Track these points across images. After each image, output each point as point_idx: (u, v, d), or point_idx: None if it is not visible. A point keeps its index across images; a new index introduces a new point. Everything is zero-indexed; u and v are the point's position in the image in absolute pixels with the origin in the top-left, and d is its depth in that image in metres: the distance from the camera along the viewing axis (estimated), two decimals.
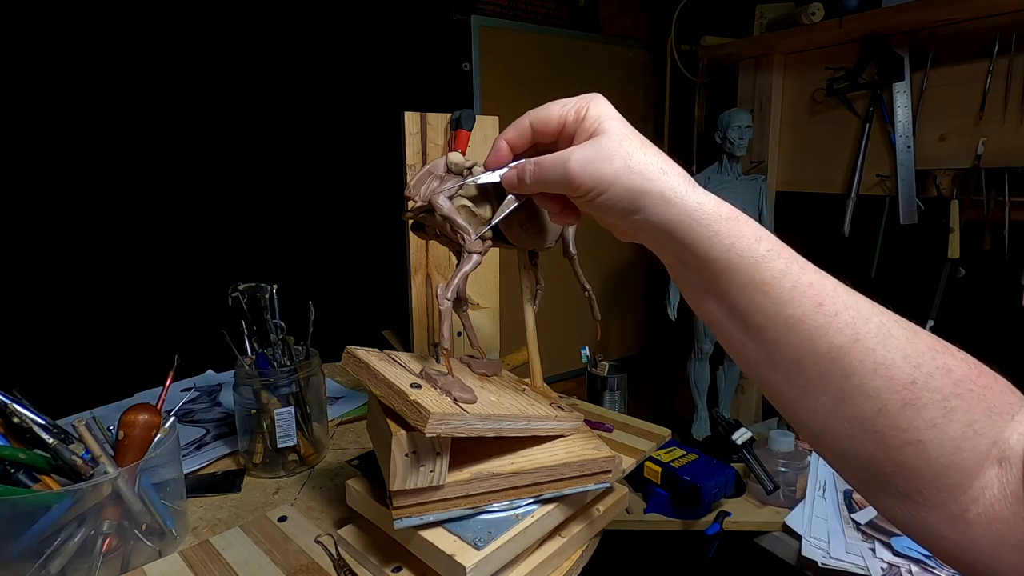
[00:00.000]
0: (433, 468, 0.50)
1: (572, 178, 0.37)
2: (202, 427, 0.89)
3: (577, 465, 0.56)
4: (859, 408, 0.31)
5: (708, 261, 0.35)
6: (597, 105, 0.39)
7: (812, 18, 1.33)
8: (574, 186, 0.38)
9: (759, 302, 0.34)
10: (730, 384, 1.62)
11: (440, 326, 0.53)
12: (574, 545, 0.60)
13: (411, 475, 0.49)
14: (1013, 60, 1.11)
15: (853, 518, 1.07)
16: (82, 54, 1.07)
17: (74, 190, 1.10)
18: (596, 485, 0.57)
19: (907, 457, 0.30)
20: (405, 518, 0.50)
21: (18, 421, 0.56)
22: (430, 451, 0.49)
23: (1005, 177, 1.15)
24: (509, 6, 1.63)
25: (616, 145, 0.37)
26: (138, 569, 0.56)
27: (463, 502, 0.52)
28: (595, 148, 0.37)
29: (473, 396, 0.53)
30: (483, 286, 0.99)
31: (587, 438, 0.60)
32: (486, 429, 0.51)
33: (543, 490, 0.55)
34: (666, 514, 1.15)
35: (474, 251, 0.55)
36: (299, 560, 0.57)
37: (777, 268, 0.33)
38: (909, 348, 0.31)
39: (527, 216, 0.57)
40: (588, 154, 0.37)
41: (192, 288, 1.23)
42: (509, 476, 0.53)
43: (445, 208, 0.55)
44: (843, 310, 0.32)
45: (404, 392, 0.49)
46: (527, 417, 0.55)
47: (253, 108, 1.28)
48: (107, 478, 0.54)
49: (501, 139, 0.44)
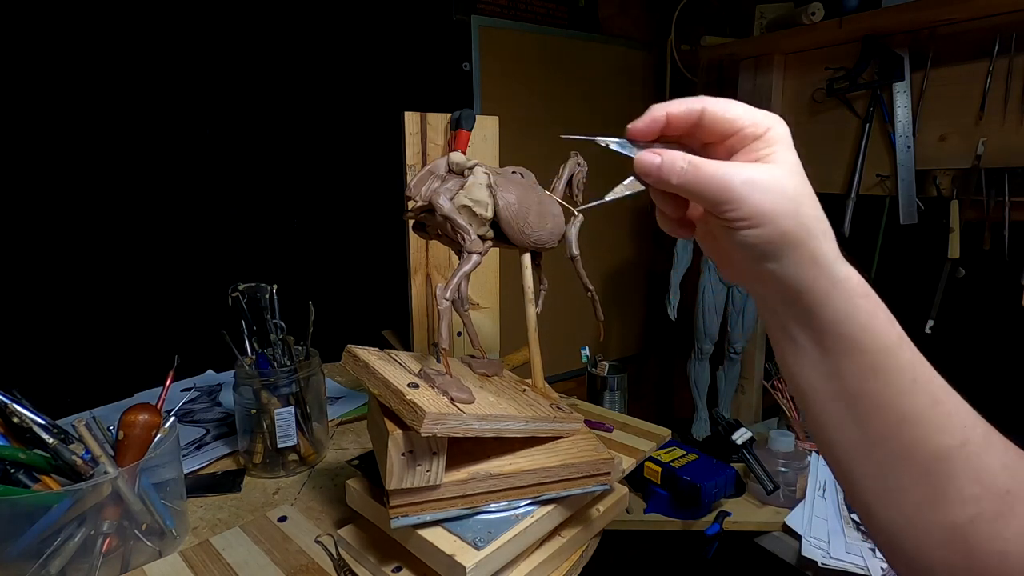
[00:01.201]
0: (430, 468, 0.50)
1: (733, 199, 0.31)
2: (202, 427, 0.89)
3: (576, 467, 0.56)
4: (953, 513, 0.30)
5: (836, 336, 0.32)
6: (782, 128, 0.34)
7: (812, 18, 1.32)
8: (730, 208, 0.32)
9: (878, 389, 0.31)
10: (730, 384, 1.62)
11: (439, 326, 0.53)
12: (574, 545, 0.60)
13: (407, 474, 0.49)
14: (1013, 60, 1.11)
15: (853, 518, 1.07)
16: (82, 54, 1.07)
17: (75, 191, 1.10)
18: (595, 487, 0.57)
19: (989, 568, 0.30)
20: (402, 517, 0.50)
21: (18, 421, 0.56)
22: (427, 451, 0.49)
23: (1005, 177, 1.15)
24: (509, 6, 1.63)
25: (793, 183, 0.32)
26: (138, 569, 0.56)
27: (460, 502, 0.52)
28: (770, 176, 0.32)
29: (471, 396, 0.53)
30: (483, 286, 0.99)
31: (587, 439, 0.60)
32: (483, 429, 0.51)
33: (542, 491, 0.55)
34: (666, 514, 1.15)
35: (474, 251, 0.55)
36: (299, 560, 0.57)
37: (904, 358, 0.31)
38: (1006, 457, 0.31)
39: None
40: (761, 180, 0.32)
41: (192, 288, 1.23)
42: (507, 477, 0.53)
43: (446, 208, 0.56)
44: (954, 412, 0.31)
45: (401, 391, 0.50)
46: (526, 418, 0.55)
47: (253, 108, 1.28)
48: (107, 478, 0.54)
49: (662, 110, 0.35)
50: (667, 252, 1.57)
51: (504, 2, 1.62)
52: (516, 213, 0.60)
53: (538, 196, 0.64)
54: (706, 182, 0.32)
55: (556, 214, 0.66)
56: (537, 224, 0.62)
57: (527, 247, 0.64)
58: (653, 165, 0.34)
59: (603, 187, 0.38)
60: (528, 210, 0.61)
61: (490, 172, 0.60)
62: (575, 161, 0.71)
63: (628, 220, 2.05)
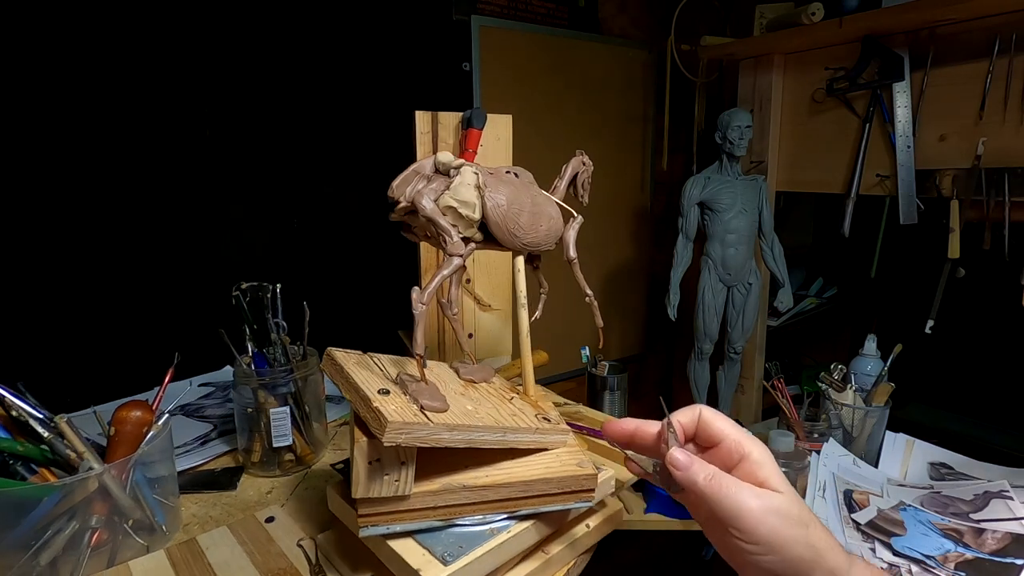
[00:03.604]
0: (398, 478, 0.48)
1: (745, 524, 0.35)
2: (210, 423, 0.90)
3: (556, 481, 0.52)
4: None
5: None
6: (763, 451, 0.39)
7: (812, 18, 1.32)
8: (743, 532, 0.36)
9: None
10: (730, 384, 1.62)
11: (414, 331, 0.51)
12: (557, 564, 0.57)
13: (375, 484, 0.47)
14: (1013, 60, 1.11)
15: (853, 518, 1.06)
16: (85, 54, 1.07)
17: (80, 192, 1.11)
18: (577, 504, 0.54)
19: None
20: (372, 526, 0.49)
21: (16, 415, 0.56)
22: (395, 460, 0.47)
23: (1005, 177, 1.15)
24: (509, 6, 1.63)
25: (799, 511, 0.36)
26: (123, 565, 0.56)
27: (432, 513, 0.50)
28: (778, 504, 0.36)
29: (444, 405, 0.50)
30: (495, 287, 0.97)
31: (572, 453, 0.56)
32: (454, 440, 0.49)
33: (519, 506, 0.52)
34: (666, 514, 1.14)
35: (455, 253, 0.54)
36: (278, 563, 0.57)
37: None
38: None
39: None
40: (771, 507, 0.36)
41: (202, 287, 1.24)
42: (481, 489, 0.51)
43: (428, 209, 0.54)
44: None
45: (369, 398, 0.48)
46: (503, 429, 0.52)
47: (253, 108, 1.28)
48: (91, 473, 0.55)
49: (678, 423, 0.43)
50: (667, 252, 1.57)
51: (504, 2, 1.62)
52: (505, 214, 0.57)
53: (532, 197, 0.61)
54: (721, 500, 0.36)
55: (553, 215, 0.63)
56: (529, 226, 0.60)
57: (519, 249, 0.62)
58: (683, 463, 0.39)
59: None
60: (520, 211, 0.59)
61: (480, 172, 0.58)
62: (580, 160, 0.68)
63: (628, 221, 2.05)
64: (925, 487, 1.14)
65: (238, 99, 1.26)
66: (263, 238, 1.34)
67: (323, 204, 1.40)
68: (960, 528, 0.99)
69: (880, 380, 1.25)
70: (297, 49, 1.31)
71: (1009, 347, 1.53)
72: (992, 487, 1.07)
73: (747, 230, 1.43)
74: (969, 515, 1.02)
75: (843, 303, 1.97)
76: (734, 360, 1.59)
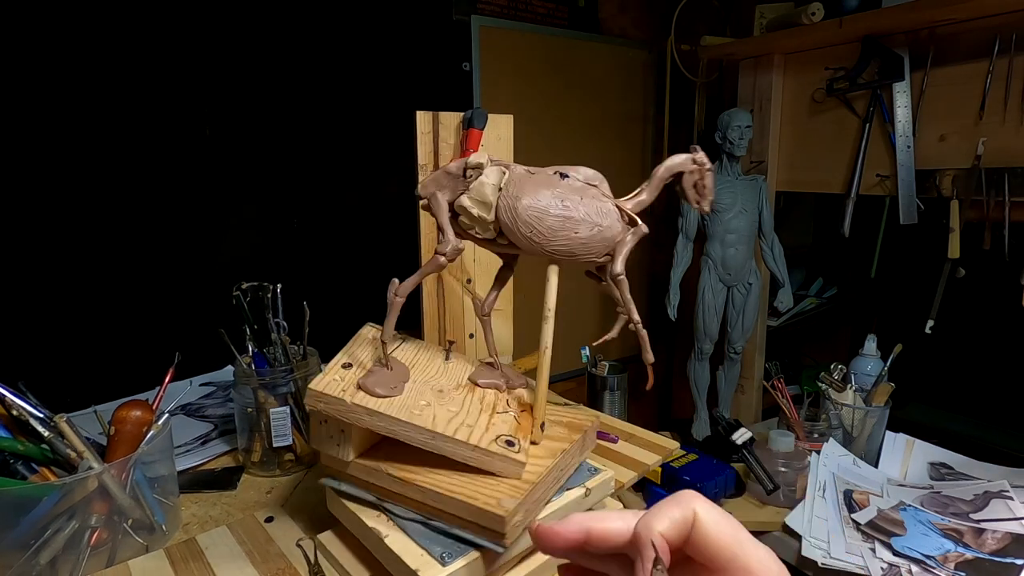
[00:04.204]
0: (339, 443, 0.54)
1: None
2: (211, 422, 0.90)
3: (467, 508, 0.49)
4: None
5: None
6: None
7: (812, 18, 1.32)
8: None
9: None
10: (730, 384, 1.62)
11: (386, 320, 0.55)
12: (557, 563, 0.56)
13: (321, 441, 0.55)
14: (1013, 60, 1.11)
15: (853, 518, 1.06)
16: (84, 53, 1.07)
17: (82, 192, 1.10)
18: (486, 542, 0.49)
19: None
20: (329, 478, 0.57)
21: (16, 414, 0.56)
22: (337, 426, 0.54)
23: (1005, 177, 1.15)
24: (509, 6, 1.63)
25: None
26: (122, 564, 0.56)
27: (369, 488, 0.55)
28: None
29: (390, 392, 0.53)
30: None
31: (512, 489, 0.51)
32: (375, 424, 0.51)
33: (431, 514, 0.52)
34: None
35: (439, 252, 0.55)
36: (277, 564, 0.57)
37: None
38: None
39: None
40: None
41: (202, 287, 1.24)
42: (402, 483, 0.52)
43: (433, 204, 0.56)
44: None
45: (330, 367, 0.55)
46: (433, 433, 0.51)
47: (253, 108, 1.28)
48: (91, 473, 0.55)
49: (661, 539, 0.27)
50: (667, 252, 1.57)
51: (504, 2, 1.62)
52: (517, 217, 0.53)
53: (569, 199, 0.55)
54: None
55: (603, 224, 0.55)
56: (556, 231, 0.54)
57: (545, 256, 0.57)
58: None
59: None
60: (541, 214, 0.53)
61: (508, 170, 0.54)
62: (689, 158, 0.57)
63: None
64: (925, 487, 1.14)
65: (238, 98, 1.25)
66: (263, 238, 1.34)
67: (323, 204, 1.40)
68: (960, 528, 0.99)
69: (880, 380, 1.25)
70: (297, 49, 1.31)
71: (1009, 347, 1.53)
72: (992, 487, 1.07)
73: (747, 230, 1.43)
74: (969, 515, 1.02)
75: (843, 303, 1.97)
76: (734, 360, 1.59)
